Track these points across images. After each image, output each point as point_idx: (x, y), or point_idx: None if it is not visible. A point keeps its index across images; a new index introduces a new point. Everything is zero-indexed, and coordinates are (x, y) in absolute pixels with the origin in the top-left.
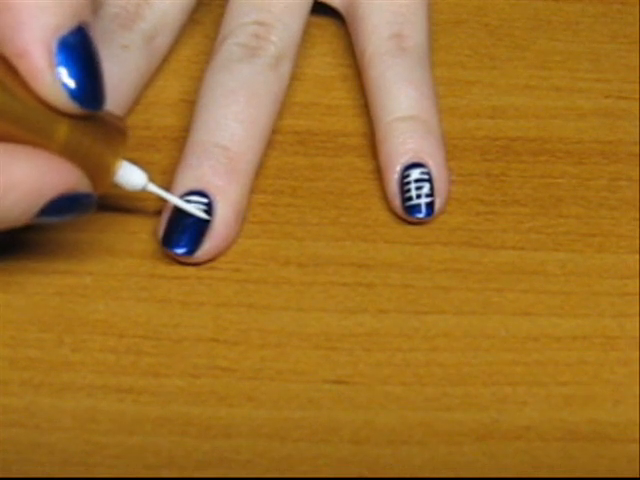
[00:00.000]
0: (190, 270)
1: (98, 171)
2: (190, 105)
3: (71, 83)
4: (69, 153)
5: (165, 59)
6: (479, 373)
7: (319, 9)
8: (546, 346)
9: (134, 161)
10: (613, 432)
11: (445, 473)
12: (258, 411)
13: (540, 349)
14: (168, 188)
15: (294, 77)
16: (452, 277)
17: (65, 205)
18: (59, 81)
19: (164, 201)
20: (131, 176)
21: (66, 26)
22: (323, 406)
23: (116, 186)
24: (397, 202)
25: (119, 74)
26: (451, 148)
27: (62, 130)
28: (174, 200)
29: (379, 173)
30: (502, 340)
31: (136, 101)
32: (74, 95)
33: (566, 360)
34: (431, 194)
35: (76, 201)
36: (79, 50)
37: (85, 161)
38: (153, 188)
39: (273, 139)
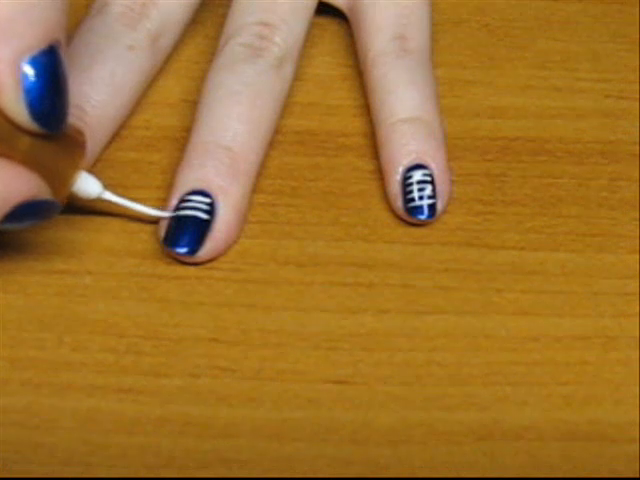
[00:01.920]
0: (190, 270)
1: (56, 182)
2: (191, 105)
3: (34, 104)
4: (30, 163)
5: (167, 56)
6: (479, 373)
7: (320, 9)
8: (546, 346)
9: (135, 161)
10: (613, 432)
11: (445, 473)
12: (258, 411)
13: (540, 349)
14: (169, 188)
15: (294, 77)
16: (452, 277)
17: (27, 212)
18: (22, 101)
19: (165, 202)
20: (87, 186)
21: (36, 47)
22: (323, 406)
23: (73, 195)
24: (399, 203)
25: (123, 75)
26: (451, 148)
27: (25, 141)
28: (132, 205)
29: (379, 173)
30: (502, 340)
31: (138, 101)
32: (35, 116)
33: (566, 360)
34: (433, 196)
35: (38, 207)
36: (46, 71)
37: (44, 172)
38: (109, 196)
39: (273, 139)
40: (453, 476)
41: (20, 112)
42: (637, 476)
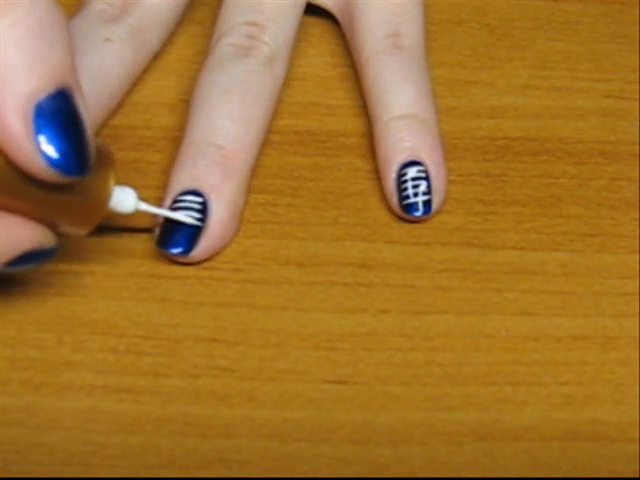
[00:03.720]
0: (190, 270)
1: (90, 205)
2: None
3: (51, 151)
4: (53, 200)
5: (165, 59)
6: (479, 373)
7: (317, 9)
8: (546, 346)
9: (135, 161)
10: (613, 432)
11: (445, 473)
12: (258, 411)
13: (540, 349)
14: (165, 188)
15: (294, 77)
16: (452, 277)
17: (27, 259)
18: (38, 150)
19: (161, 202)
20: (125, 200)
21: (43, 91)
22: (323, 406)
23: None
24: (394, 200)
25: (100, 64)
26: (451, 148)
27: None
28: (169, 214)
29: (379, 173)
30: (502, 340)
31: (134, 100)
32: (54, 164)
33: (566, 360)
34: (428, 192)
35: (39, 255)
36: (59, 116)
37: (73, 203)
38: (145, 206)
39: (273, 139)
40: (453, 476)
41: (36, 161)
42: (637, 476)
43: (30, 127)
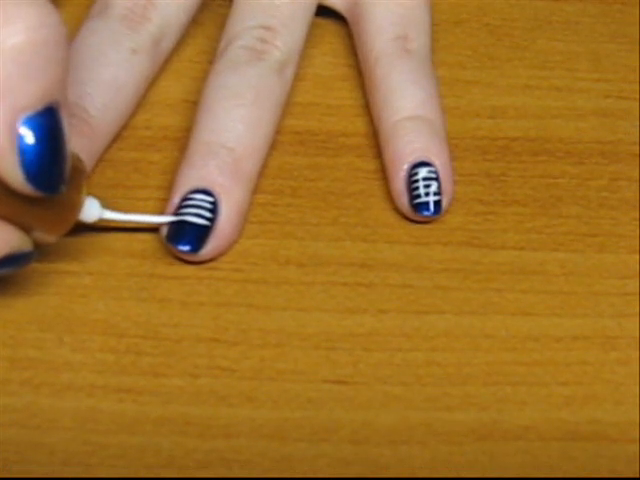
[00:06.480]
0: (190, 270)
1: (62, 215)
2: (191, 105)
3: (30, 166)
4: (27, 207)
5: (166, 59)
6: (479, 373)
7: (319, 10)
8: (546, 346)
9: (136, 161)
10: (613, 432)
11: (445, 473)
12: (258, 411)
13: (540, 349)
14: (169, 188)
15: (295, 77)
16: (452, 277)
17: (5, 263)
18: (18, 163)
19: (166, 202)
20: (87, 211)
21: (33, 107)
22: (323, 406)
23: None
24: (404, 200)
25: (126, 78)
26: (451, 148)
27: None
28: (135, 218)
29: (380, 173)
30: (502, 340)
31: (138, 103)
32: (30, 178)
33: (566, 360)
34: (438, 192)
35: (17, 259)
36: (43, 132)
37: (45, 212)
38: (109, 215)
39: (273, 139)
40: (453, 476)
41: (15, 175)
42: (637, 476)
43: (14, 141)
